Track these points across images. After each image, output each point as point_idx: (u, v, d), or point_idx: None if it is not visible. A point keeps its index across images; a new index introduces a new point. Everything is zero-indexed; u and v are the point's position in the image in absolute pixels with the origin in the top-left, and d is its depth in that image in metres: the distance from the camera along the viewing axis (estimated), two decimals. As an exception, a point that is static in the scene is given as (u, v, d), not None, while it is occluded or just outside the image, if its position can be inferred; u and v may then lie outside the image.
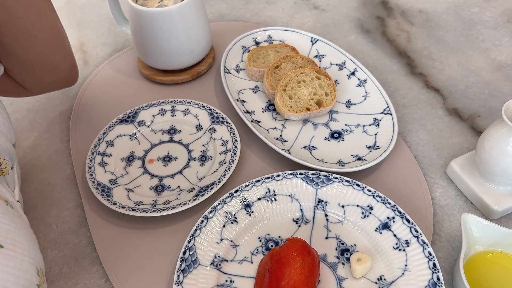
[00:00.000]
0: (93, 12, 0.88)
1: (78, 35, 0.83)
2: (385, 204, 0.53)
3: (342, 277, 0.49)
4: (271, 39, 0.76)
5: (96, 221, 0.55)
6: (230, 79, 0.70)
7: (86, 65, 0.77)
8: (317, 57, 0.74)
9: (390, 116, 0.63)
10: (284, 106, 0.63)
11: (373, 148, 0.61)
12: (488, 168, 0.53)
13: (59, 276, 0.52)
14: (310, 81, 0.65)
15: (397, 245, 0.50)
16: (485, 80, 0.72)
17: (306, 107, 0.63)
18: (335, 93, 0.64)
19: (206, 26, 0.71)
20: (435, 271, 0.47)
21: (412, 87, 0.72)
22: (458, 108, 0.68)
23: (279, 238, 0.53)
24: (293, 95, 0.64)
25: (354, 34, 0.81)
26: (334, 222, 0.54)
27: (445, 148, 0.63)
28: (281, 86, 0.63)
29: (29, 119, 0.69)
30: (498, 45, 0.78)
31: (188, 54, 0.70)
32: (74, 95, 0.72)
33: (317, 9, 0.87)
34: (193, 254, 0.50)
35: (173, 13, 0.64)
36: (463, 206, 0.57)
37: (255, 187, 0.55)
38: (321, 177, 0.55)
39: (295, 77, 0.64)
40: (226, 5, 0.88)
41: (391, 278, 0.48)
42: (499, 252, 0.49)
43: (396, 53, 0.77)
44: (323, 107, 0.63)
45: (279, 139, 0.62)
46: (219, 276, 0.49)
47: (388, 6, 0.87)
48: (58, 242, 0.55)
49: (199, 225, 0.52)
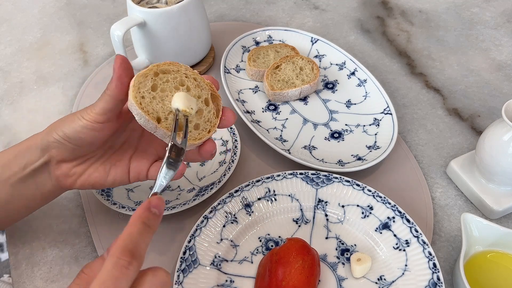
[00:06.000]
0: (93, 12, 0.88)
1: (78, 35, 0.83)
2: (385, 204, 0.53)
3: (342, 277, 0.49)
4: (271, 39, 0.76)
5: (96, 221, 0.55)
6: (230, 79, 0.70)
7: (86, 65, 0.77)
8: (317, 57, 0.74)
9: (390, 116, 0.63)
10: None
11: (373, 148, 0.61)
12: (488, 168, 0.53)
13: (59, 276, 0.52)
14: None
15: (397, 245, 0.50)
16: (485, 80, 0.72)
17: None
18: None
19: (206, 26, 0.71)
20: (435, 271, 0.47)
21: (412, 87, 0.72)
22: (458, 108, 0.68)
23: (279, 238, 0.53)
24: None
25: (354, 34, 0.81)
26: (334, 222, 0.54)
27: (445, 148, 0.63)
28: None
29: (29, 119, 0.69)
30: (498, 45, 0.78)
31: (188, 54, 0.70)
32: (74, 95, 0.72)
33: (317, 9, 0.87)
34: (193, 254, 0.50)
35: (173, 13, 0.64)
36: (463, 206, 0.57)
37: (255, 187, 0.55)
38: (321, 177, 0.55)
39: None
40: (226, 5, 0.88)
41: (391, 278, 0.48)
42: (499, 252, 0.49)
43: (396, 53, 0.77)
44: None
45: (279, 139, 0.62)
46: (219, 276, 0.49)
47: (388, 6, 0.87)
48: (58, 242, 0.55)
49: (199, 225, 0.52)
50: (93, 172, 0.47)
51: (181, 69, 0.44)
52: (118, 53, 0.65)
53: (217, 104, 0.45)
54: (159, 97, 0.42)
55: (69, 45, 0.81)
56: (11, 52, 0.80)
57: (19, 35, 0.83)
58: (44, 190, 0.48)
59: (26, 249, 0.54)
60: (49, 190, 0.48)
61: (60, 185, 0.47)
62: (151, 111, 0.42)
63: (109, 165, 0.47)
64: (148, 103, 0.42)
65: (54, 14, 0.88)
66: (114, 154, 0.48)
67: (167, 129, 0.41)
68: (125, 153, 0.48)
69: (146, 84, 0.42)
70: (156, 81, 0.43)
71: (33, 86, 0.74)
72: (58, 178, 0.47)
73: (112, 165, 0.47)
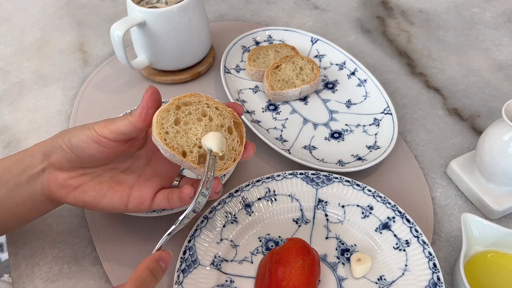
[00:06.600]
0: (93, 12, 0.88)
1: (78, 35, 0.83)
2: (385, 204, 0.53)
3: (342, 277, 0.49)
4: (271, 39, 0.76)
5: (96, 221, 0.55)
6: (230, 79, 0.70)
7: (86, 65, 0.77)
8: (317, 57, 0.74)
9: (390, 116, 0.63)
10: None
11: (373, 148, 0.61)
12: (488, 168, 0.53)
13: (59, 276, 0.52)
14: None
15: (397, 245, 0.50)
16: (485, 80, 0.72)
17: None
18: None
19: (206, 26, 0.71)
20: (435, 271, 0.47)
21: (412, 87, 0.72)
22: (458, 108, 0.68)
23: (279, 238, 0.53)
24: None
25: (354, 34, 0.81)
26: (334, 222, 0.54)
27: (445, 148, 0.63)
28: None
29: (29, 119, 0.69)
30: (498, 45, 0.78)
31: (188, 54, 0.70)
32: (74, 95, 0.72)
33: (317, 9, 0.87)
34: (193, 254, 0.50)
35: (173, 13, 0.64)
36: (463, 206, 0.57)
37: (255, 187, 0.55)
38: (321, 177, 0.55)
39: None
40: (226, 5, 0.88)
41: (391, 278, 0.48)
42: (499, 252, 0.49)
43: (396, 53, 0.77)
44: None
45: (279, 139, 0.62)
46: (219, 276, 0.49)
47: (388, 6, 0.87)
48: (58, 242, 0.55)
49: (199, 225, 0.52)
50: (88, 190, 0.45)
51: (202, 100, 0.44)
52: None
53: (240, 131, 0.45)
54: (182, 131, 0.43)
55: (68, 45, 0.81)
56: (10, 52, 0.80)
57: (19, 35, 0.83)
58: (35, 199, 0.46)
59: (26, 249, 0.54)
60: (41, 200, 0.46)
61: (51, 196, 0.46)
62: (176, 146, 0.42)
63: (106, 187, 0.46)
64: (173, 138, 0.42)
65: (53, 14, 0.88)
66: (115, 178, 0.46)
67: (193, 162, 0.42)
68: (126, 180, 0.47)
69: (169, 119, 0.42)
70: (179, 114, 0.43)
71: (33, 86, 0.74)
72: (51, 188, 0.45)
73: (110, 188, 0.46)
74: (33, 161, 0.45)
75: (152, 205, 0.46)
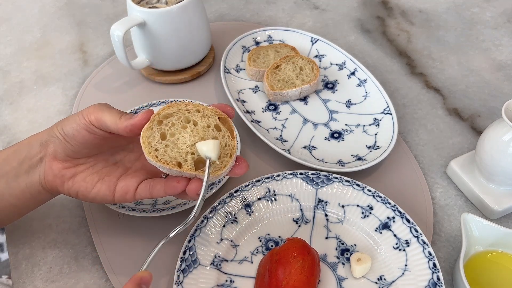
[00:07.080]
0: (93, 12, 0.88)
1: (78, 35, 0.83)
2: (385, 204, 0.53)
3: (342, 277, 0.49)
4: (271, 39, 0.76)
5: (96, 221, 0.55)
6: (230, 79, 0.70)
7: (86, 65, 0.77)
8: (317, 57, 0.74)
9: (390, 116, 0.63)
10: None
11: (373, 148, 0.61)
12: (488, 168, 0.53)
13: (59, 276, 0.52)
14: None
15: (397, 245, 0.50)
16: (485, 80, 0.72)
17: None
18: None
19: (206, 26, 0.71)
20: (435, 271, 0.47)
21: (412, 87, 0.72)
22: (458, 108, 0.68)
23: (279, 238, 0.53)
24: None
25: (354, 34, 0.81)
26: (334, 222, 0.54)
27: (445, 148, 0.63)
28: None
29: (29, 119, 0.69)
30: (498, 45, 0.78)
31: (188, 54, 0.70)
32: (74, 95, 0.72)
33: (317, 9, 0.87)
34: (193, 254, 0.50)
35: (173, 13, 0.64)
36: (463, 206, 0.57)
37: (255, 187, 0.55)
38: (321, 177, 0.55)
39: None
40: (226, 5, 0.88)
41: (391, 278, 0.48)
42: (499, 252, 0.49)
43: (396, 53, 0.77)
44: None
45: (279, 139, 0.62)
46: (219, 276, 0.49)
47: (388, 6, 0.87)
48: (58, 242, 0.55)
49: (199, 225, 0.52)
50: (80, 181, 0.46)
51: (181, 107, 0.44)
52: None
53: (228, 126, 0.45)
54: (171, 143, 0.43)
55: (69, 45, 0.81)
56: (10, 52, 0.80)
57: (19, 35, 0.83)
58: (33, 190, 0.47)
59: (26, 249, 0.54)
60: (38, 191, 0.47)
61: (48, 186, 0.47)
62: (169, 159, 0.42)
63: (97, 178, 0.47)
64: (163, 153, 0.42)
65: (53, 14, 0.88)
66: (105, 169, 0.47)
67: (191, 170, 0.42)
68: (116, 171, 0.47)
69: (155, 136, 0.43)
70: (163, 128, 0.43)
71: (33, 86, 0.74)
72: (48, 177, 0.46)
73: (99, 179, 0.46)
74: (30, 151, 0.46)
75: (135, 195, 0.46)
